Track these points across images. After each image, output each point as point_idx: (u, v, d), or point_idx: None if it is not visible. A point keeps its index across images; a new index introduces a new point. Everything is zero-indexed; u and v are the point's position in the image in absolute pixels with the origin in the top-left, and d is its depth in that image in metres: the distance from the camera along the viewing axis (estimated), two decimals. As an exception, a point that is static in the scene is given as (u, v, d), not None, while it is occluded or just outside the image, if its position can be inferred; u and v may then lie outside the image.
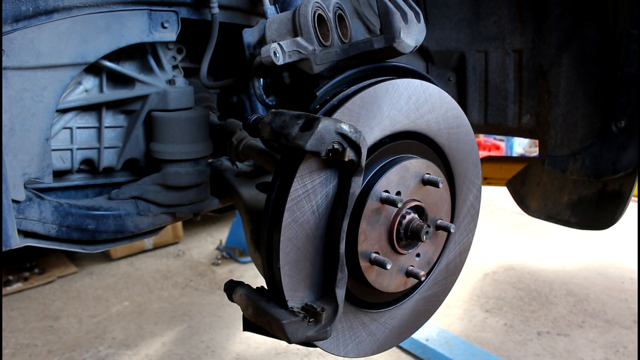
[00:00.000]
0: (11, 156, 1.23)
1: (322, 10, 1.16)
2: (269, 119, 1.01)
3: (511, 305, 4.04)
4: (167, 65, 1.54)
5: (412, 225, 1.11)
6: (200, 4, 1.46)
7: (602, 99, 1.66)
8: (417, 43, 1.11)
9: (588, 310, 3.96)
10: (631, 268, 4.59)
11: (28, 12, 1.18)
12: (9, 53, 1.17)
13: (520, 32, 1.80)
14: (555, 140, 1.79)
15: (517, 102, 1.89)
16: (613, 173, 1.66)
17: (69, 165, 1.48)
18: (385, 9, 1.06)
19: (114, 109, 1.52)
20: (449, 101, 1.21)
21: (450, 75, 2.00)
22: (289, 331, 1.00)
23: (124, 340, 3.59)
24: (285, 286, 1.01)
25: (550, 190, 1.92)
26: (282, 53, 1.11)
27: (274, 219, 1.00)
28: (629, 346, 3.49)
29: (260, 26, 1.30)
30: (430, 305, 1.36)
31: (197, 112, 1.54)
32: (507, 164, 2.44)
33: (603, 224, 1.80)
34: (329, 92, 1.08)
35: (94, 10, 1.29)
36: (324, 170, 1.01)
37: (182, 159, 1.51)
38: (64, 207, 1.41)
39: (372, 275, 1.11)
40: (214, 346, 3.53)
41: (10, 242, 1.23)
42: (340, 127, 0.94)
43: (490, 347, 3.49)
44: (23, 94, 1.22)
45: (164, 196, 1.54)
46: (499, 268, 4.68)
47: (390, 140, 1.12)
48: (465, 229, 1.36)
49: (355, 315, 1.18)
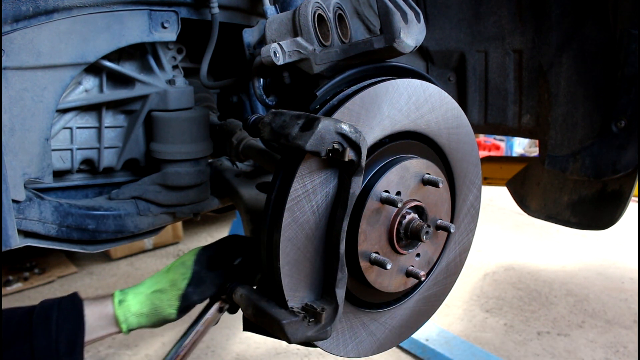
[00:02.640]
0: (11, 156, 1.23)
1: (322, 10, 1.16)
2: (269, 119, 1.01)
3: (511, 305, 4.04)
4: (167, 65, 1.54)
5: (412, 225, 1.11)
6: (200, 4, 1.46)
7: (602, 99, 1.66)
8: (417, 43, 1.11)
9: (588, 310, 3.96)
10: (631, 268, 4.59)
11: (28, 12, 1.18)
12: (9, 53, 1.17)
13: (520, 32, 1.80)
14: (555, 140, 1.79)
15: (517, 102, 1.89)
16: (613, 173, 1.66)
17: (69, 165, 1.48)
18: (385, 9, 1.06)
19: (114, 109, 1.52)
20: (449, 101, 1.21)
21: (450, 75, 2.00)
22: (289, 331, 1.00)
23: (124, 340, 3.59)
24: (285, 286, 1.01)
25: (550, 190, 1.92)
26: (282, 53, 1.11)
27: (274, 219, 1.00)
28: (629, 346, 3.49)
29: (260, 26, 1.30)
30: (430, 305, 1.36)
31: (197, 112, 1.54)
32: (507, 164, 2.44)
33: (603, 224, 1.80)
34: (329, 92, 1.08)
35: (94, 10, 1.29)
36: (324, 170, 1.01)
37: (182, 159, 1.51)
38: (64, 207, 1.41)
39: (372, 275, 1.11)
40: (214, 346, 3.53)
41: (11, 242, 1.23)
42: (340, 127, 0.94)
43: (490, 347, 3.49)
44: (23, 94, 1.22)
45: (164, 196, 1.54)
46: (499, 268, 4.68)
47: (391, 140, 1.11)
48: (465, 229, 1.36)
49: (355, 315, 1.18)
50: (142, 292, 1.21)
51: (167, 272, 1.24)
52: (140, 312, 1.19)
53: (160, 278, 1.23)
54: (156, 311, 1.20)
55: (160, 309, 1.20)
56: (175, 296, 1.19)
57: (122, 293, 1.22)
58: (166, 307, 1.20)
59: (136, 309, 1.19)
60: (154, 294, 1.20)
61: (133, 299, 1.20)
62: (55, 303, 1.15)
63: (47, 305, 1.15)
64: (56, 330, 1.10)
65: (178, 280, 1.20)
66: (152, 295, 1.20)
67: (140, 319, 1.20)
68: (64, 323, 1.12)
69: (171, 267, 1.24)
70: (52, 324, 1.11)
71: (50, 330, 1.10)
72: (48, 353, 1.09)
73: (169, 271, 1.24)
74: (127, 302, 1.19)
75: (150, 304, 1.20)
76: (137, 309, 1.19)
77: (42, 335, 1.09)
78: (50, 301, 1.16)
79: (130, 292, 1.22)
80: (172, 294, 1.20)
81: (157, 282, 1.22)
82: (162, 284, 1.21)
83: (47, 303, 1.15)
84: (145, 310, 1.20)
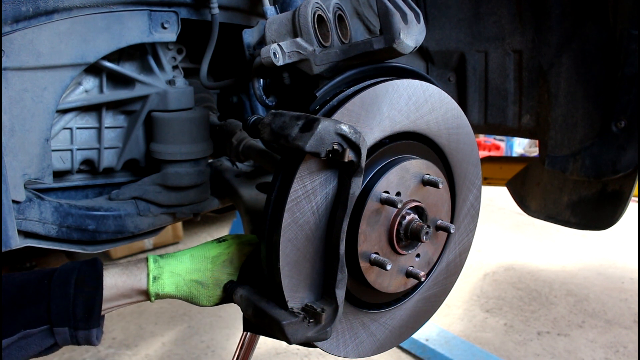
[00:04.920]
0: (11, 157, 1.23)
1: (322, 11, 1.16)
2: (269, 120, 1.01)
3: (511, 305, 4.04)
4: (167, 65, 1.54)
5: (412, 225, 1.11)
6: (200, 5, 1.46)
7: (602, 99, 1.66)
8: (417, 43, 1.11)
9: (588, 310, 3.96)
10: (631, 268, 4.59)
11: (28, 13, 1.18)
12: (9, 53, 1.17)
13: (520, 32, 1.80)
14: (555, 141, 1.79)
15: (517, 102, 1.89)
16: (613, 173, 1.66)
17: (69, 165, 1.48)
18: (385, 9, 1.06)
19: (114, 110, 1.52)
20: (449, 101, 1.21)
21: (450, 76, 2.00)
22: (289, 332, 1.00)
23: (124, 340, 3.59)
24: (285, 287, 1.01)
25: (550, 191, 1.92)
26: (282, 54, 1.11)
27: (274, 219, 1.00)
28: (629, 346, 3.49)
29: (260, 27, 1.30)
30: (430, 305, 1.36)
31: (197, 113, 1.54)
32: (507, 164, 2.44)
33: (603, 224, 1.80)
34: (329, 93, 1.08)
35: (94, 10, 1.29)
36: (323, 171, 1.01)
37: (182, 159, 1.51)
38: (64, 208, 1.41)
39: (372, 275, 1.11)
40: (214, 346, 3.53)
41: (11, 243, 1.23)
42: (340, 128, 0.94)
43: (490, 347, 3.49)
44: (23, 95, 1.22)
45: (164, 196, 1.54)
46: (499, 268, 4.68)
47: (390, 141, 1.11)
48: (465, 229, 1.36)
49: (356, 316, 1.18)
50: (180, 275, 1.16)
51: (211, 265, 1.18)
52: (174, 294, 1.16)
53: (201, 265, 1.18)
54: (190, 298, 1.17)
55: (196, 299, 1.17)
56: (216, 296, 1.17)
57: (157, 267, 1.15)
58: (203, 300, 1.17)
59: (171, 290, 1.15)
60: (193, 284, 1.16)
61: (169, 280, 1.15)
62: (75, 267, 1.12)
63: (67, 268, 1.12)
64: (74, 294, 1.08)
65: (223, 280, 1.17)
66: (191, 284, 1.16)
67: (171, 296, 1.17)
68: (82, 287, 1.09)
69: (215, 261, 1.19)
70: (70, 288, 1.08)
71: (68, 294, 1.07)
72: (64, 316, 1.06)
73: (213, 264, 1.18)
74: (162, 281, 1.15)
75: (187, 291, 1.17)
76: (171, 290, 1.15)
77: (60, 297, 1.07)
78: (71, 264, 1.13)
79: (167, 269, 1.16)
80: (214, 292, 1.17)
81: (198, 270, 1.17)
82: (204, 277, 1.17)
83: (67, 266, 1.13)
84: (180, 295, 1.17)
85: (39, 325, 1.06)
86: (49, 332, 1.06)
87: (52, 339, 1.07)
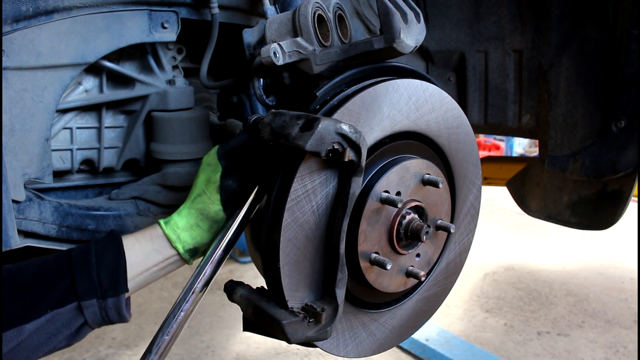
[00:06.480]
0: (11, 156, 1.23)
1: (322, 11, 1.16)
2: (269, 119, 1.01)
3: (511, 305, 4.04)
4: (167, 65, 1.54)
5: (412, 225, 1.11)
6: (200, 4, 1.46)
7: (602, 99, 1.66)
8: (417, 43, 1.11)
9: (588, 310, 3.96)
10: (631, 268, 4.59)
11: (28, 13, 1.18)
12: (9, 53, 1.17)
13: (520, 32, 1.80)
14: (555, 140, 1.79)
15: (517, 102, 1.89)
16: (613, 173, 1.66)
17: (69, 165, 1.48)
18: (385, 9, 1.06)
19: (114, 109, 1.52)
20: (449, 101, 1.21)
21: (450, 75, 2.00)
22: (289, 331, 1.00)
23: (124, 340, 3.59)
24: (285, 286, 1.02)
25: (550, 190, 1.92)
26: (282, 53, 1.11)
27: (274, 219, 1.00)
28: (629, 346, 3.49)
29: (260, 26, 1.30)
30: (430, 305, 1.36)
31: (197, 112, 1.54)
32: (507, 164, 2.44)
33: (603, 224, 1.80)
34: (329, 93, 1.09)
35: (94, 10, 1.29)
36: (324, 170, 1.01)
37: (182, 159, 1.51)
38: (64, 208, 1.41)
39: (372, 275, 1.11)
40: (214, 346, 3.53)
41: (10, 242, 1.23)
42: (340, 128, 0.94)
43: (490, 347, 3.49)
44: (23, 94, 1.22)
45: (164, 196, 1.54)
46: (499, 268, 4.68)
47: (391, 141, 1.12)
48: (465, 229, 1.37)
49: (356, 316, 1.18)
50: (184, 207, 1.19)
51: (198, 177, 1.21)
52: (189, 223, 1.17)
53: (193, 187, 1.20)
54: (202, 215, 1.17)
55: (206, 211, 1.17)
56: (214, 190, 1.17)
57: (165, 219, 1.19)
58: (210, 206, 1.17)
59: (183, 222, 1.17)
60: (194, 202, 1.18)
61: (177, 215, 1.18)
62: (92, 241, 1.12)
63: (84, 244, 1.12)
64: (97, 263, 1.06)
65: (211, 176, 1.18)
66: (193, 203, 1.18)
67: (192, 233, 1.17)
68: (104, 255, 1.08)
69: (200, 172, 1.21)
70: (92, 257, 1.07)
71: (90, 264, 1.06)
72: (90, 287, 1.04)
73: (199, 175, 1.21)
74: (172, 220, 1.17)
75: (194, 211, 1.18)
76: (184, 222, 1.17)
77: (82, 268, 1.05)
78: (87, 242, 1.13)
79: (173, 214, 1.20)
80: (211, 190, 1.17)
81: (193, 191, 1.20)
82: (198, 189, 1.19)
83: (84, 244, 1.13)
84: (193, 219, 1.17)
85: (66, 303, 1.03)
86: (77, 309, 1.04)
87: (82, 317, 1.05)
